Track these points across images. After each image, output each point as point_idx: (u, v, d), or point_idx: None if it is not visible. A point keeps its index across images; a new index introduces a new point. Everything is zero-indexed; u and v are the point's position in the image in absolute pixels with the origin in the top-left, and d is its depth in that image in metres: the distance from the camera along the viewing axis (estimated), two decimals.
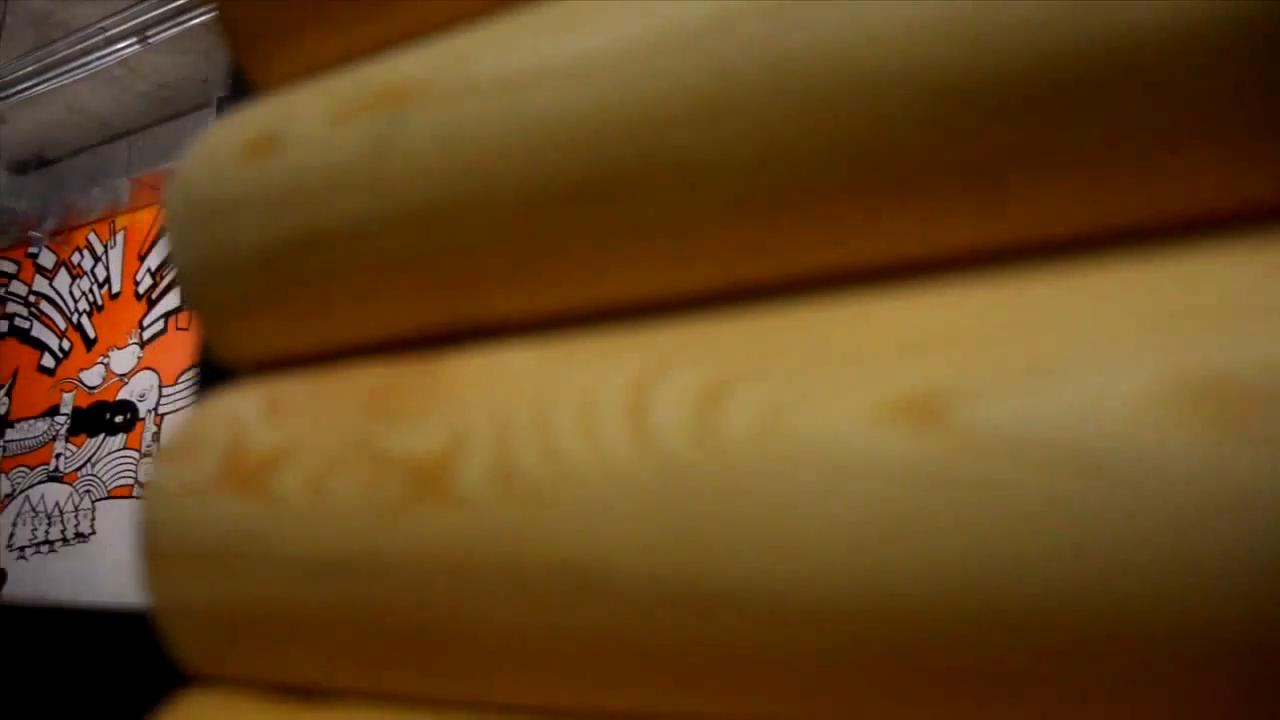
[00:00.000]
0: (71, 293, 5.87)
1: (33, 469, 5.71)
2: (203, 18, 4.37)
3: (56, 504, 5.52)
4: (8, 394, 6.01)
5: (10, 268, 6.27)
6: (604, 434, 0.37)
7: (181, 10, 4.38)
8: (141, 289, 5.51)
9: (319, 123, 0.48)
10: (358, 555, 0.42)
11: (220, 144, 0.52)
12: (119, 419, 5.36)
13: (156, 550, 0.50)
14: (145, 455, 5.16)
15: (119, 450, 5.32)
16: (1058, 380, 0.33)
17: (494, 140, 0.43)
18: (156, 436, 5.14)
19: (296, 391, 0.48)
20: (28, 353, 5.99)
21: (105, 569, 5.19)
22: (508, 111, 0.42)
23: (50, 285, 6.00)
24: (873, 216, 0.38)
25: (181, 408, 5.07)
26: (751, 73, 0.38)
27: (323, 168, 0.47)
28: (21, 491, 5.72)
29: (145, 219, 5.60)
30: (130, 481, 5.20)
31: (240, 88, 0.59)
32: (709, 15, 0.39)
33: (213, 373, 0.56)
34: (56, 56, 4.74)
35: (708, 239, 0.40)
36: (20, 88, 4.88)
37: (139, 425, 5.25)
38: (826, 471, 0.33)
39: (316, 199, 0.47)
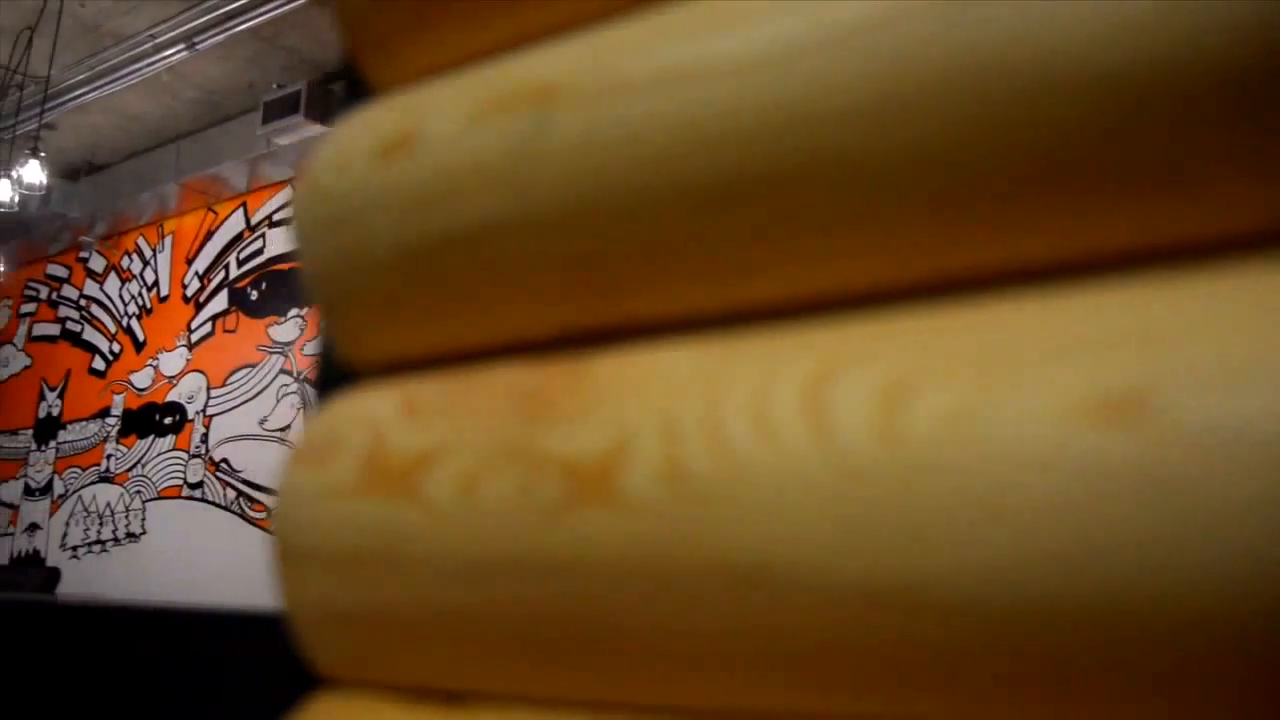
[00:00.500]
0: (121, 296, 5.96)
1: (84, 470, 5.80)
2: (248, 24, 4.42)
3: (108, 504, 5.60)
4: (60, 396, 6.10)
5: (62, 272, 6.37)
6: (780, 433, 0.36)
7: (228, 17, 4.43)
8: (189, 292, 5.58)
9: (456, 122, 0.48)
10: (514, 557, 0.42)
11: (350, 145, 0.52)
12: (168, 420, 5.44)
13: (293, 553, 0.50)
14: (194, 456, 5.22)
15: (168, 451, 5.39)
16: (1256, 378, 0.32)
17: (647, 139, 0.42)
18: (204, 438, 5.20)
19: (435, 393, 0.48)
20: (79, 355, 6.09)
21: (156, 568, 5.26)
22: (662, 110, 0.42)
23: (100, 289, 6.09)
24: (1041, 216, 0.37)
25: (229, 409, 5.14)
26: (915, 71, 0.37)
27: (462, 168, 0.47)
28: (74, 492, 5.81)
29: (192, 223, 5.67)
30: (179, 482, 5.27)
31: (354, 89, 0.59)
32: (870, 13, 0.38)
33: (332, 375, 0.56)
34: (107, 64, 4.82)
35: (869, 238, 0.39)
36: (71, 96, 4.96)
37: (188, 426, 5.32)
38: (1021, 470, 0.33)
39: (456, 199, 0.47)
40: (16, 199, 4.53)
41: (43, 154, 4.43)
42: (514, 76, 0.47)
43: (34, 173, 4.38)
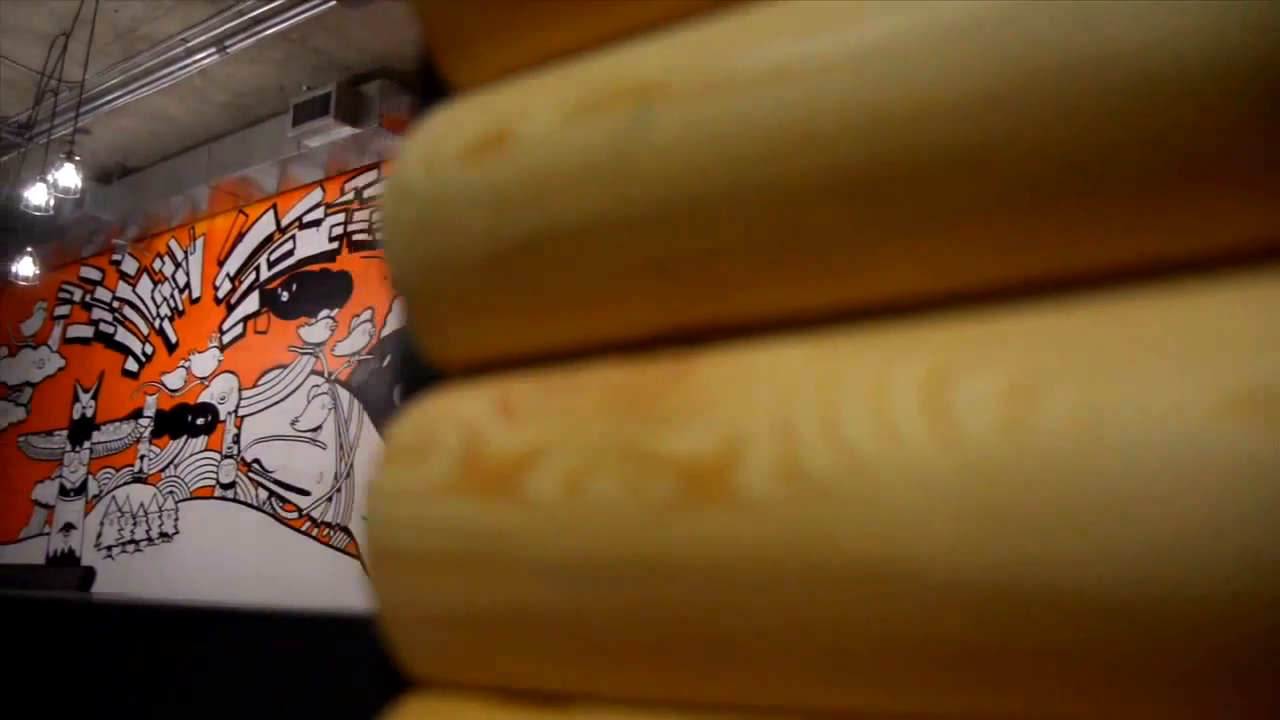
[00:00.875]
0: (153, 298, 6.01)
1: (118, 470, 5.85)
2: (278, 27, 4.45)
3: (141, 504, 5.65)
4: (94, 397, 6.16)
5: (95, 275, 6.43)
6: (901, 431, 0.36)
7: (258, 20, 4.46)
8: (220, 294, 5.62)
9: (551, 120, 0.48)
10: (623, 558, 0.41)
11: (440, 142, 0.52)
12: (200, 421, 5.48)
13: (386, 553, 0.49)
14: (226, 456, 5.26)
15: (200, 452, 5.43)
16: None
17: (753, 135, 0.42)
18: (236, 438, 5.24)
19: (531, 392, 0.48)
20: (112, 357, 6.15)
21: (189, 568, 5.31)
22: (769, 106, 0.41)
23: (133, 291, 6.15)
24: (1164, 212, 0.37)
25: (260, 410, 5.17)
26: (1033, 66, 0.37)
27: (558, 166, 0.47)
28: (108, 492, 5.87)
29: (223, 225, 5.72)
30: (211, 482, 5.31)
31: (430, 89, 0.59)
32: (987, 10, 0.38)
33: (416, 374, 0.56)
34: (140, 69, 4.86)
35: (983, 235, 0.39)
36: (105, 100, 5.00)
37: (219, 427, 5.36)
38: (1160, 467, 0.32)
39: (552, 198, 0.47)
40: (52, 203, 4.58)
41: (77, 158, 4.47)
42: (611, 74, 0.47)
43: (69, 176, 4.41)
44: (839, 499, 0.37)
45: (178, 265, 5.91)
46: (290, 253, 5.31)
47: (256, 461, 5.11)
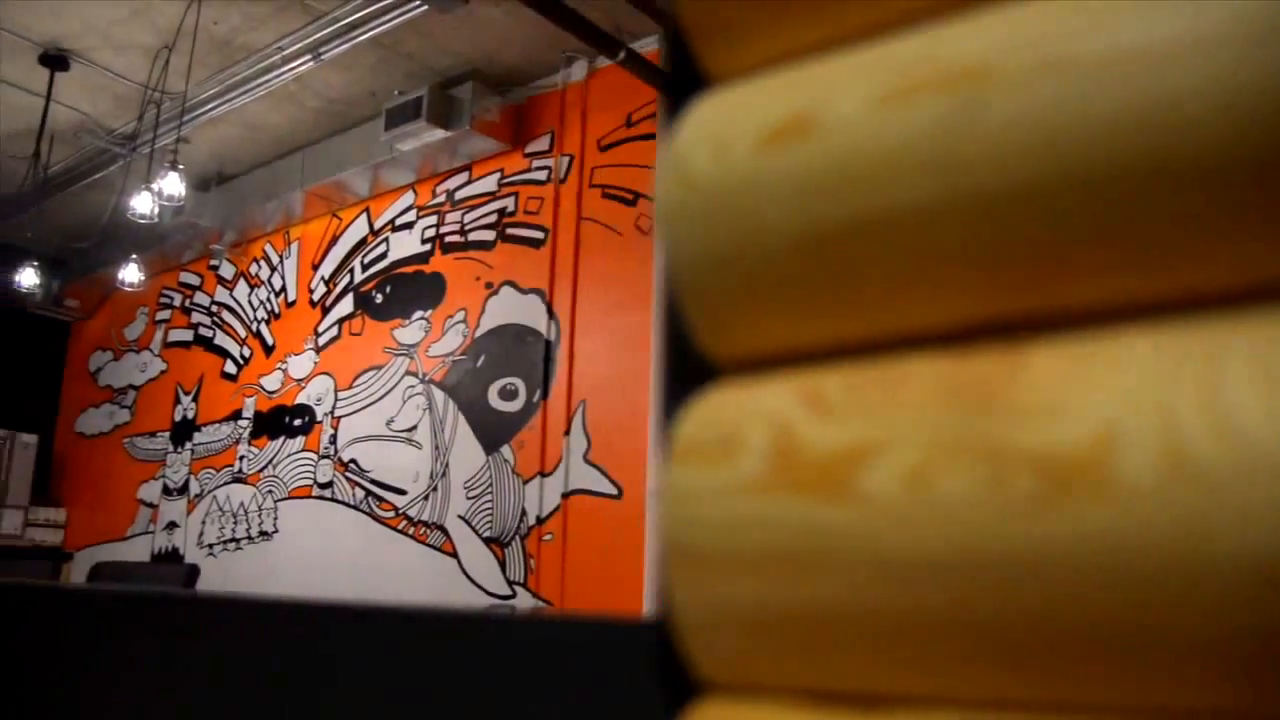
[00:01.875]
0: (250, 302, 6.15)
1: (218, 470, 6.00)
2: (370, 33, 4.52)
3: (241, 504, 5.78)
4: (194, 400, 6.33)
5: (194, 280, 6.61)
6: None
7: (351, 27, 4.53)
8: (315, 296, 5.73)
9: (860, 105, 0.46)
10: (978, 555, 0.40)
11: (728, 130, 0.51)
12: (297, 422, 5.59)
13: (687, 552, 0.48)
14: (323, 457, 5.35)
15: (298, 452, 5.54)
16: None
17: (1092, 120, 0.40)
18: (333, 439, 5.33)
19: (842, 386, 0.46)
20: (212, 360, 6.30)
21: (288, 566, 5.42)
22: (1111, 90, 0.39)
23: (230, 295, 6.30)
24: None
25: (356, 410, 5.25)
26: None
27: (871, 152, 0.45)
28: (209, 492, 6.02)
29: (317, 229, 5.83)
30: (309, 482, 5.41)
31: (684, 78, 0.57)
32: None
33: (686, 369, 0.55)
34: (237, 78, 4.97)
35: None
36: (205, 110, 5.13)
37: (316, 428, 5.47)
38: None
39: (865, 184, 0.45)
40: (156, 210, 4.70)
41: (181, 166, 4.59)
42: (926, 57, 0.45)
43: (173, 184, 4.53)
44: (1224, 486, 0.35)
45: (274, 269, 6.04)
46: (383, 255, 5.39)
47: (353, 461, 5.20)
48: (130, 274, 5.42)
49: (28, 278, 5.85)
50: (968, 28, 0.45)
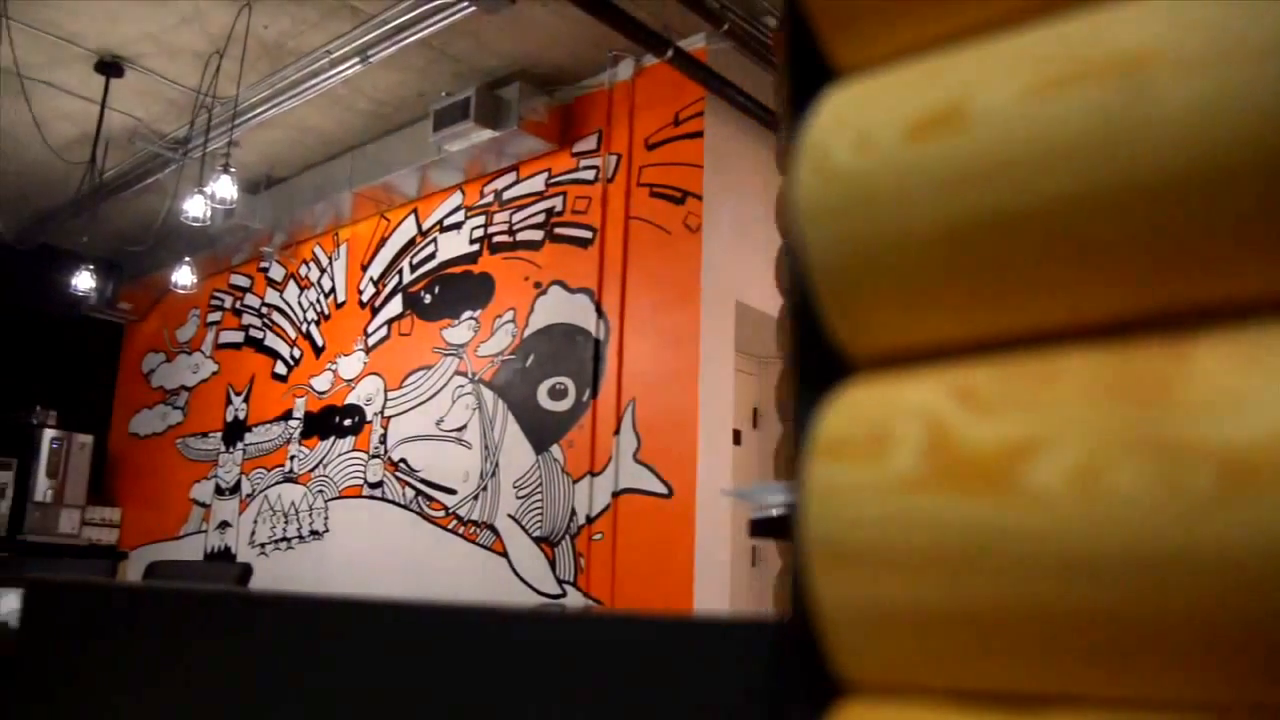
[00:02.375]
0: (300, 303, 6.21)
1: (270, 470, 6.07)
2: (418, 35, 4.54)
3: (292, 503, 5.84)
4: (245, 400, 6.40)
5: (244, 282, 6.69)
6: None
7: (399, 29, 4.56)
8: (365, 297, 5.77)
9: (1012, 94, 0.45)
10: (1154, 552, 0.39)
11: (871, 120, 0.50)
12: (347, 422, 5.63)
13: (834, 552, 0.48)
14: (373, 456, 5.39)
15: (348, 452, 5.58)
16: None
17: (1266, 106, 0.39)
18: (383, 438, 5.37)
19: (996, 380, 0.45)
20: (262, 361, 6.38)
21: (338, 565, 5.46)
22: None
23: (280, 297, 6.36)
24: None
25: (406, 410, 5.28)
26: None
27: (1028, 141, 0.44)
28: (260, 492, 6.08)
29: (366, 230, 5.87)
30: (360, 481, 5.46)
31: (808, 69, 0.57)
32: None
33: (816, 365, 0.54)
34: (286, 81, 5.02)
35: None
36: (255, 113, 5.19)
37: (366, 428, 5.51)
38: None
39: (1018, 176, 0.44)
40: (209, 213, 4.76)
41: (233, 170, 4.64)
42: (1088, 43, 0.44)
43: (225, 188, 4.59)
44: None
45: (323, 271, 6.10)
46: (432, 256, 5.43)
47: (403, 461, 5.23)
48: (183, 276, 5.50)
49: (83, 281, 5.95)
50: (1127, 11, 0.44)
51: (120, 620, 1.56)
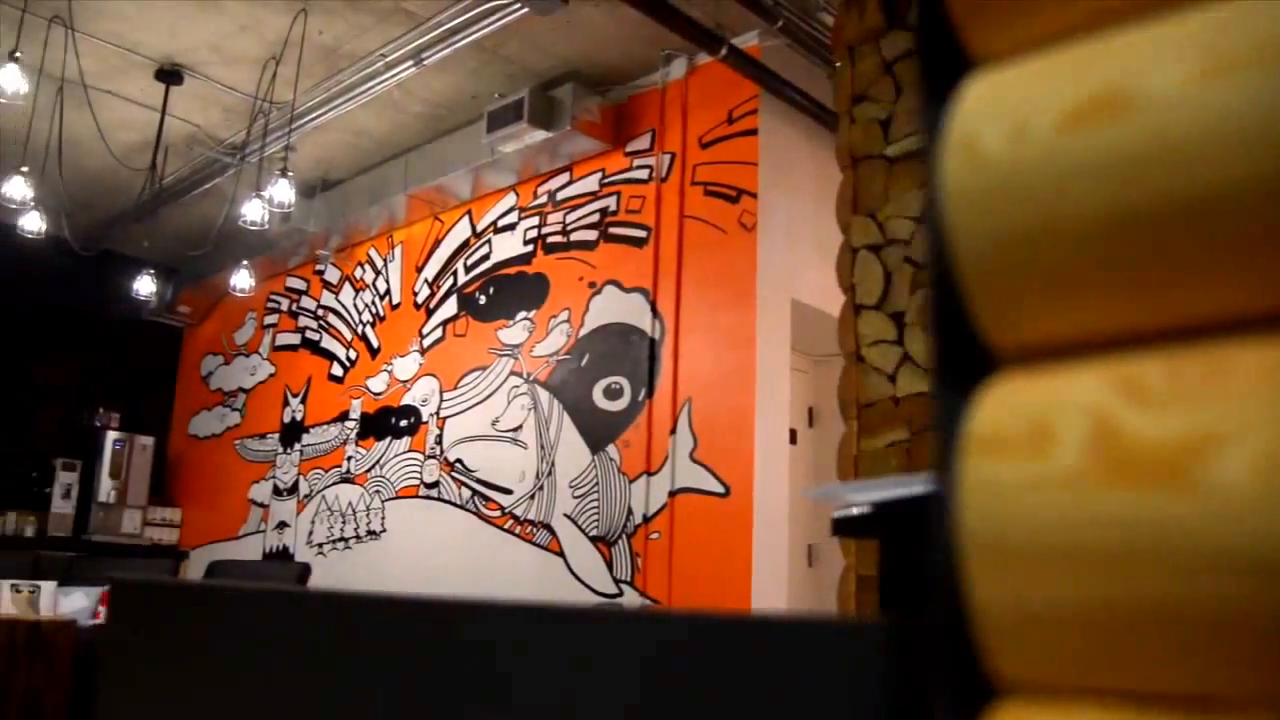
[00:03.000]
0: (355, 305, 6.27)
1: (326, 471, 6.13)
2: (472, 37, 4.57)
3: (349, 503, 5.90)
4: (302, 402, 6.48)
5: (300, 284, 6.77)
6: None
7: (453, 32, 4.58)
8: (420, 299, 5.82)
9: (1180, 79, 0.44)
10: None
11: (1025, 108, 0.49)
12: (403, 423, 5.68)
13: (995, 550, 0.47)
14: (429, 457, 5.43)
15: (404, 453, 5.63)
16: None
17: None
18: (439, 439, 5.40)
19: (1165, 374, 0.44)
20: (318, 362, 6.45)
21: (397, 565, 5.51)
22: None
23: (336, 299, 6.43)
24: None
25: (461, 411, 5.31)
26: None
27: (1195, 129, 0.43)
28: (318, 492, 6.15)
29: (420, 232, 5.92)
30: (416, 482, 5.50)
31: (946, 58, 0.55)
32: None
33: (962, 359, 0.53)
34: (341, 85, 5.07)
35: None
36: (310, 117, 5.24)
37: (422, 428, 5.55)
38: None
39: (1186, 163, 0.43)
40: (266, 217, 4.82)
41: (290, 174, 4.70)
42: (1257, 27, 0.43)
43: (283, 191, 4.64)
44: None
45: (378, 273, 6.16)
46: (486, 257, 5.45)
47: (459, 461, 5.27)
48: (241, 280, 5.57)
49: (144, 286, 6.06)
50: None
51: (199, 616, 1.58)
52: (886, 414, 3.02)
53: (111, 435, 6.95)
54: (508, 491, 4.99)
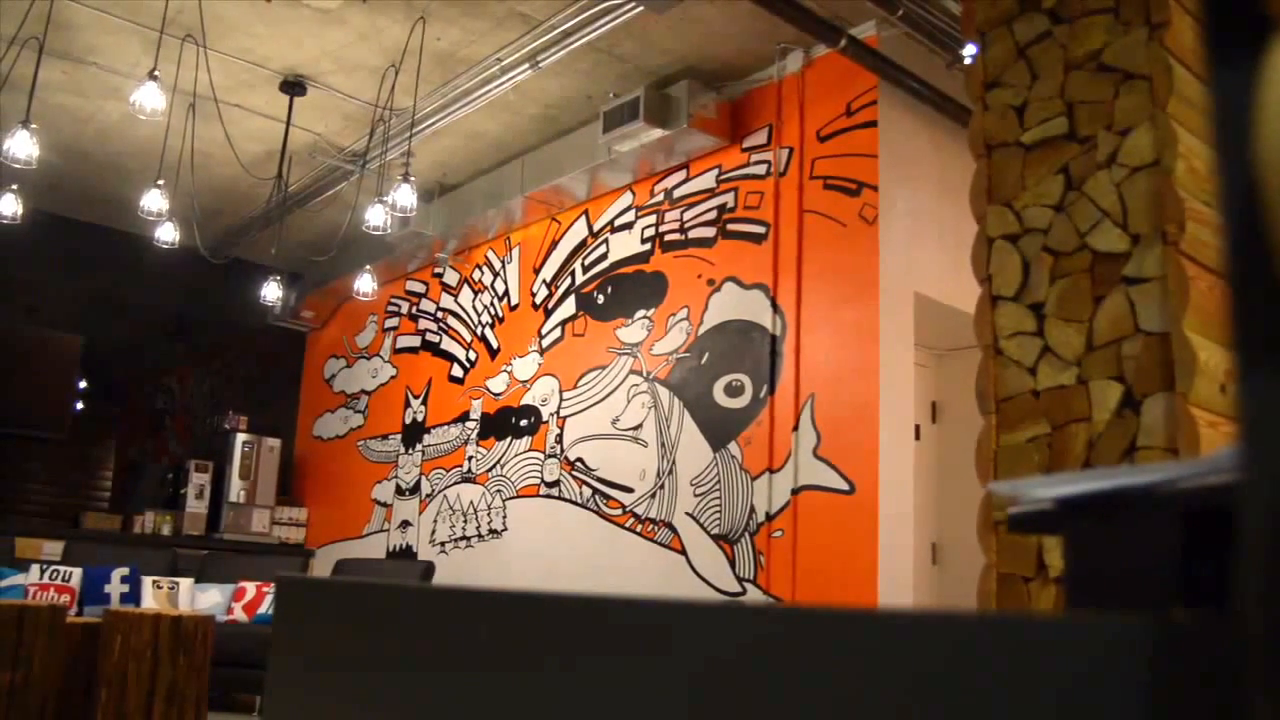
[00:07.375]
0: (474, 307, 6.37)
1: (448, 471, 6.24)
2: (586, 38, 4.58)
3: (471, 503, 6.00)
4: (423, 403, 6.61)
5: (419, 288, 6.91)
6: None
7: (567, 34, 4.61)
8: (538, 300, 5.88)
9: None
10: None
11: None
12: (524, 423, 5.75)
13: None
14: (549, 456, 5.48)
15: (525, 452, 5.69)
16: None
17: None
18: (559, 438, 5.44)
19: None
20: (439, 364, 6.57)
21: (519, 563, 5.58)
22: None
23: (455, 301, 6.55)
24: None
25: (581, 410, 5.34)
26: None
27: None
28: (439, 492, 6.27)
29: (537, 233, 5.98)
30: (536, 481, 5.55)
31: (1243, 21, 0.51)
32: None
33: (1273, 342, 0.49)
34: (459, 90, 5.15)
35: None
36: (429, 123, 5.34)
37: (542, 428, 5.61)
38: None
39: None
40: (388, 222, 4.93)
41: (412, 179, 4.79)
42: None
43: (405, 196, 4.74)
44: None
45: (496, 274, 6.24)
46: (604, 256, 5.48)
47: (579, 460, 5.30)
48: (364, 284, 5.71)
49: (271, 292, 6.25)
50: None
51: (366, 615, 1.61)
52: (1026, 408, 2.92)
53: (240, 437, 7.21)
54: (629, 490, 5.00)
